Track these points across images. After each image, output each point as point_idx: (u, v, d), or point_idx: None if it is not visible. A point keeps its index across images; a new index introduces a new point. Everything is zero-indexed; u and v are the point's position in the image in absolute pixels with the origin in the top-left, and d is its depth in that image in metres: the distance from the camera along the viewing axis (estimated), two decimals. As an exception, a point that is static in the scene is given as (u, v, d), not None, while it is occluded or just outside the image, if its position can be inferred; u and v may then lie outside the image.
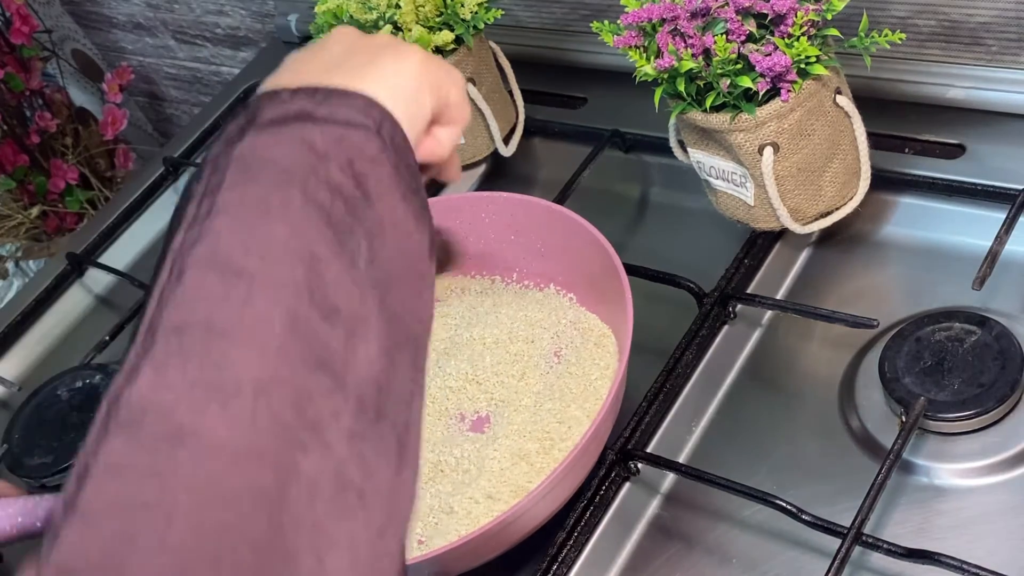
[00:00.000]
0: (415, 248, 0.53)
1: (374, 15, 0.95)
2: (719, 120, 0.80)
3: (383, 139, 0.52)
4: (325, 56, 0.59)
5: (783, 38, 0.77)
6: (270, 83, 0.57)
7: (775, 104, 0.79)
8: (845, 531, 0.70)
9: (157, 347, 0.44)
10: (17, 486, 0.67)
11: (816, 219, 0.86)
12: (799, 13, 0.77)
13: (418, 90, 0.58)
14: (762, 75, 0.77)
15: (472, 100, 0.99)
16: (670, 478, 0.80)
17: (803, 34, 0.77)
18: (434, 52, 0.95)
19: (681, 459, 0.81)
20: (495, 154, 1.05)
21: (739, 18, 0.77)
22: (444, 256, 0.88)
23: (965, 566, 0.66)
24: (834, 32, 0.79)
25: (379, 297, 0.49)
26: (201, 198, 0.50)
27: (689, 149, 0.87)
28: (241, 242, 0.47)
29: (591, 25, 0.85)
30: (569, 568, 0.76)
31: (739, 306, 0.87)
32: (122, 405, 0.43)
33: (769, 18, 0.78)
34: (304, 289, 0.46)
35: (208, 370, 0.43)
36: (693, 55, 0.78)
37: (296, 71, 0.59)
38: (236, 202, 0.48)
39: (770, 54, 0.77)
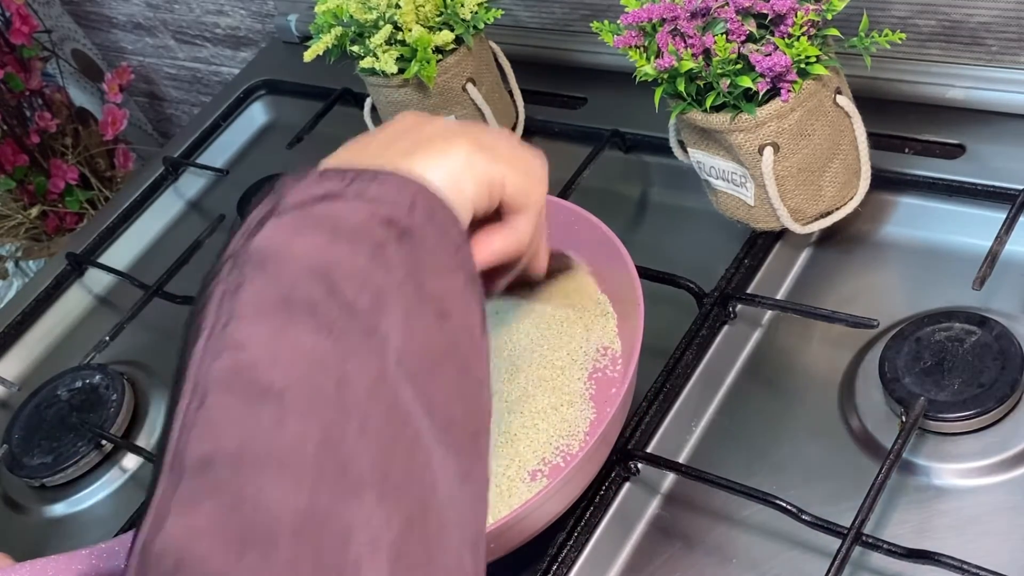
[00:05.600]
0: (461, 324, 0.50)
1: (374, 15, 0.95)
2: (719, 120, 0.80)
3: (417, 216, 0.51)
4: (374, 141, 0.59)
5: (783, 38, 0.77)
6: (335, 158, 0.57)
7: (775, 104, 0.79)
8: (845, 531, 0.70)
9: (184, 485, 0.40)
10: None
11: (816, 219, 0.86)
12: (799, 13, 0.77)
13: (459, 178, 0.57)
14: (762, 75, 0.77)
15: (472, 100, 0.99)
16: (670, 478, 0.80)
17: (803, 34, 0.77)
18: (434, 52, 0.95)
19: (681, 459, 0.81)
20: (495, 154, 1.05)
21: (739, 18, 0.77)
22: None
23: (965, 566, 0.66)
24: (834, 32, 0.79)
25: (418, 391, 0.45)
26: (220, 301, 0.46)
27: (689, 149, 0.87)
28: (265, 355, 0.43)
29: (591, 25, 0.85)
30: (569, 568, 0.76)
31: (739, 306, 0.87)
32: (153, 557, 0.39)
33: (769, 18, 0.78)
34: (335, 404, 0.42)
35: (242, 511, 0.39)
36: (693, 55, 0.78)
37: (336, 156, 0.58)
38: (256, 305, 0.45)
39: (770, 54, 0.77)
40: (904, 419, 0.74)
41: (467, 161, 0.58)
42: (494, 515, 0.75)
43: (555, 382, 0.82)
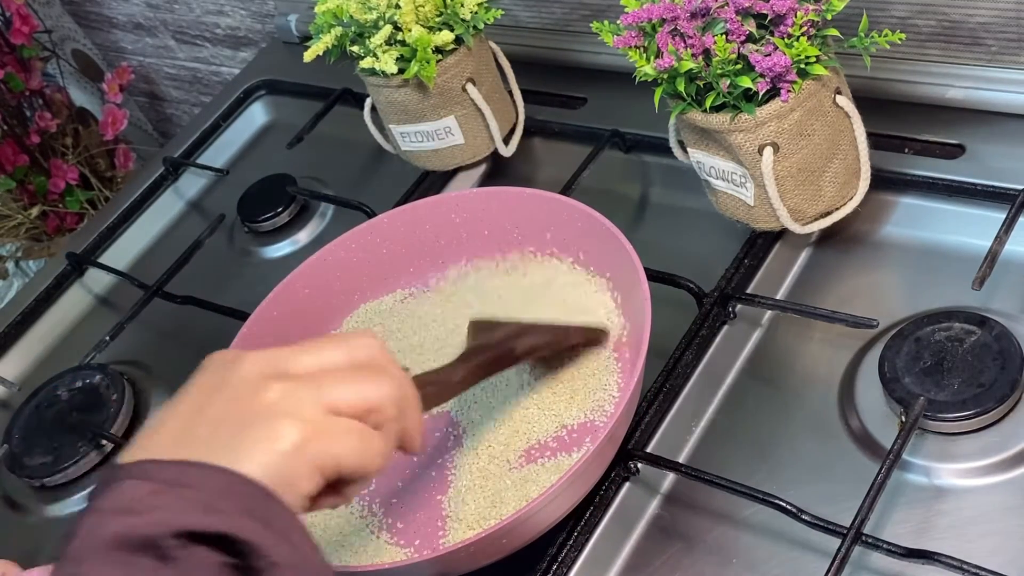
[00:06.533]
0: None
1: (374, 15, 0.95)
2: (719, 120, 0.80)
3: (249, 524, 0.51)
4: (201, 421, 0.56)
5: (783, 38, 0.77)
6: (141, 447, 0.56)
7: (775, 104, 0.79)
8: (845, 531, 0.70)
9: None
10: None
11: (816, 219, 0.86)
12: (799, 13, 0.77)
13: (289, 471, 0.54)
14: (762, 75, 0.77)
15: (472, 100, 0.99)
16: (670, 478, 0.80)
17: (803, 34, 0.77)
18: (434, 52, 0.95)
19: (681, 459, 0.81)
20: (495, 154, 1.05)
21: (739, 18, 0.77)
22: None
23: (965, 566, 0.66)
24: (834, 32, 0.79)
25: None
26: None
27: (689, 149, 0.87)
28: None
29: (591, 25, 0.85)
30: (569, 568, 0.76)
31: (739, 306, 0.87)
32: None
33: (769, 18, 0.78)
34: None
35: None
36: (693, 55, 0.78)
37: (160, 434, 0.57)
38: None
39: (770, 54, 0.77)
40: (904, 419, 0.74)
41: (295, 450, 0.55)
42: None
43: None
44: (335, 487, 0.58)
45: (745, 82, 0.77)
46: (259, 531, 0.51)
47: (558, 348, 0.82)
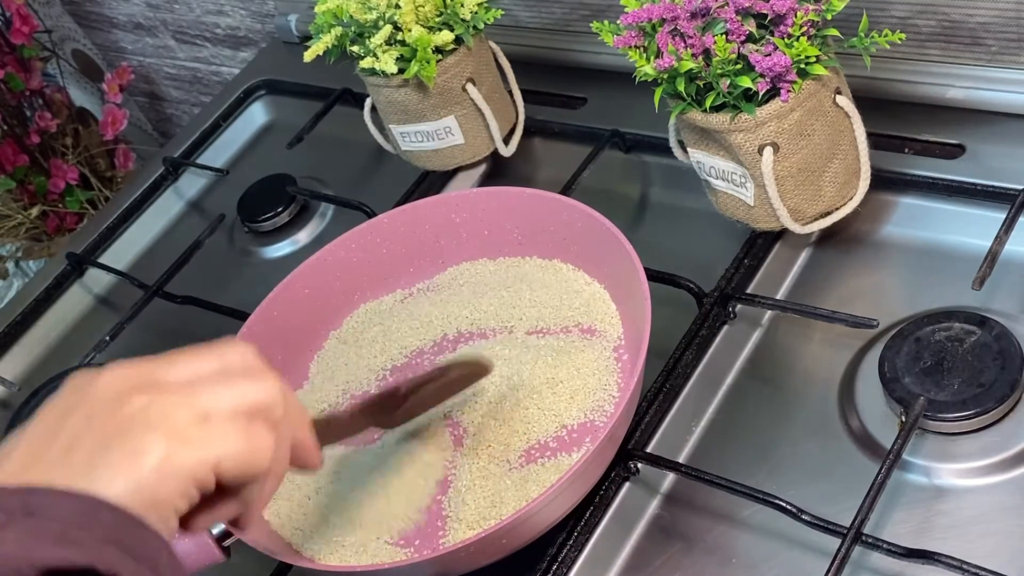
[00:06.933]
0: None
1: (374, 15, 0.95)
2: (719, 120, 0.80)
3: (108, 553, 0.45)
4: (57, 440, 0.50)
5: (783, 38, 0.77)
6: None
7: (775, 104, 0.79)
8: (845, 531, 0.70)
9: None
10: None
11: (816, 219, 0.86)
12: (799, 13, 0.77)
13: (154, 488, 0.49)
14: (762, 75, 0.77)
15: (472, 100, 0.99)
16: (670, 478, 0.80)
17: (803, 34, 0.77)
18: (434, 52, 0.95)
19: (681, 459, 0.81)
20: (495, 154, 1.05)
21: (739, 18, 0.77)
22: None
23: (965, 566, 0.66)
24: (834, 32, 0.79)
25: None
26: None
27: (689, 149, 0.87)
28: None
29: (591, 25, 0.85)
30: (569, 568, 0.76)
31: (739, 306, 0.87)
32: None
33: (769, 18, 0.78)
34: None
35: None
36: (693, 55, 0.78)
37: (9, 457, 0.50)
38: None
39: (770, 54, 0.77)
40: (904, 419, 0.74)
41: (163, 464, 0.49)
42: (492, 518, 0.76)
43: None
44: (229, 494, 0.53)
45: (745, 82, 0.77)
46: (124, 561, 0.45)
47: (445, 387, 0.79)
